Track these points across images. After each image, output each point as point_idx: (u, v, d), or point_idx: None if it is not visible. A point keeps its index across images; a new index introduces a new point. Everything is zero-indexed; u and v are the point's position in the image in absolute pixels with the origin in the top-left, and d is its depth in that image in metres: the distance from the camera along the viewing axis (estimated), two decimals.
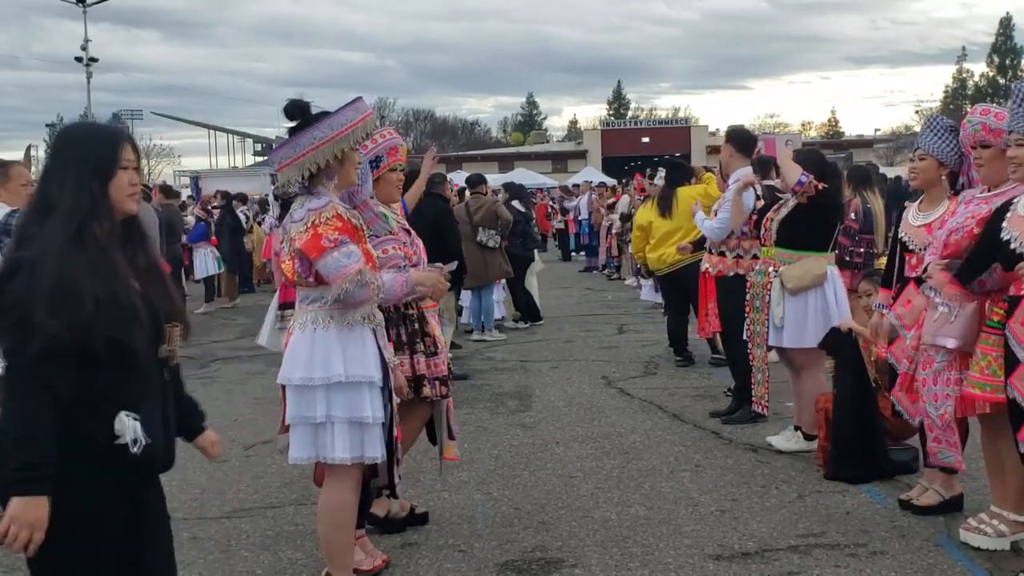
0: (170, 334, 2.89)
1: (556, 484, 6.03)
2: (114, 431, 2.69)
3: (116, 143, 2.86)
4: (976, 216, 4.73)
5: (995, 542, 4.68)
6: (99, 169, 2.79)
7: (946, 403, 4.85)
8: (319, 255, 4.00)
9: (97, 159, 2.80)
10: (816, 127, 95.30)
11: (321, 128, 4.08)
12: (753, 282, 6.63)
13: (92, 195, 2.76)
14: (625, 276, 19.08)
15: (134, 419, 2.71)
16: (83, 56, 48.53)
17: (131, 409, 2.72)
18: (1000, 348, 4.39)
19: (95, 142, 2.85)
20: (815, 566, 4.61)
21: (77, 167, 2.77)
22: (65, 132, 2.92)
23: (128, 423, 2.70)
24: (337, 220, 4.05)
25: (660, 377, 9.43)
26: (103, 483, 2.72)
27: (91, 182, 2.76)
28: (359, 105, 4.22)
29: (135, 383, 2.77)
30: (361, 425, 4.16)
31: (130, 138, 2.94)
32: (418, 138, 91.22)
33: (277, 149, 4.19)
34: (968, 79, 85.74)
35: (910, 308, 5.28)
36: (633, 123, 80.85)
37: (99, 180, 2.78)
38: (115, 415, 2.70)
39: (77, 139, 2.87)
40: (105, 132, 2.94)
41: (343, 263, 3.99)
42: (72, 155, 2.81)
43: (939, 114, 6.43)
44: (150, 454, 2.76)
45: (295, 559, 4.93)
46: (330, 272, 4.00)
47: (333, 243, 4.00)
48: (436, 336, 4.99)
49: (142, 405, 2.76)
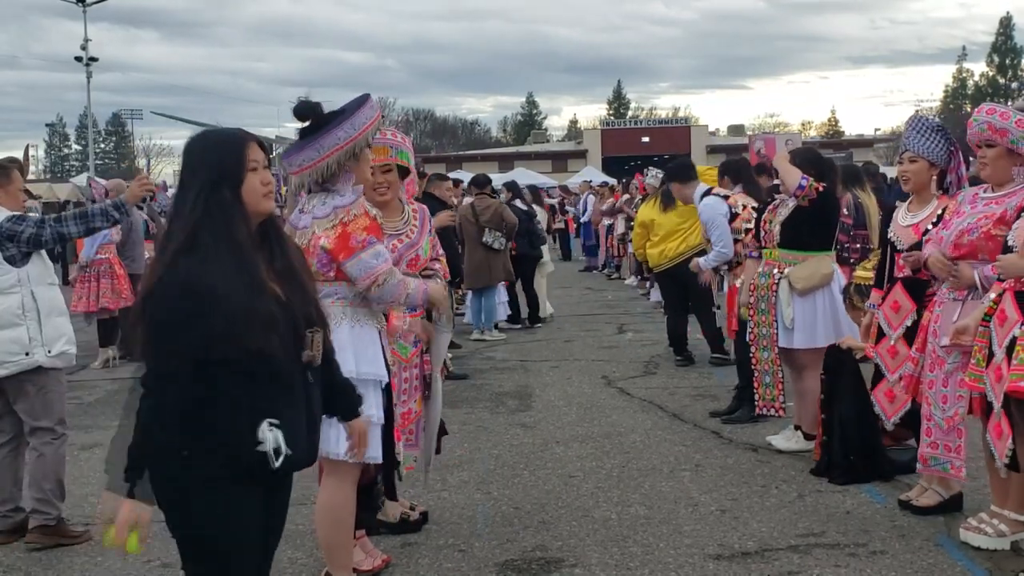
0: (312, 340, 2.92)
1: (556, 483, 6.04)
2: (257, 438, 2.74)
3: (241, 146, 2.86)
4: (991, 217, 4.72)
5: (995, 542, 4.68)
6: (228, 175, 2.81)
7: (956, 404, 4.84)
8: (349, 256, 4.05)
9: (225, 165, 2.82)
10: (816, 127, 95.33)
11: (344, 128, 4.10)
12: (758, 284, 6.61)
13: (224, 202, 2.77)
14: (625, 276, 19.08)
15: (277, 428, 2.76)
16: (83, 56, 48.46)
17: (274, 416, 2.76)
18: (985, 340, 4.43)
19: (220, 149, 2.86)
20: (815, 566, 4.62)
21: (207, 176, 2.79)
22: (191, 144, 2.91)
23: (270, 434, 2.75)
24: (365, 218, 4.11)
25: (660, 377, 9.44)
26: (243, 487, 2.80)
27: (222, 189, 2.78)
28: (371, 103, 4.26)
29: (277, 391, 2.81)
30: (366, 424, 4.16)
31: (256, 138, 2.94)
32: (418, 138, 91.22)
33: (297, 151, 4.16)
34: (968, 79, 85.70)
35: (896, 309, 5.31)
36: (633, 123, 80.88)
37: (229, 186, 2.79)
38: (258, 422, 2.74)
39: (203, 148, 2.88)
40: (228, 136, 2.93)
41: (372, 264, 4.05)
42: (201, 165, 2.82)
43: (924, 114, 6.42)
44: (291, 464, 2.83)
45: (295, 558, 4.93)
46: (359, 273, 4.06)
47: (362, 244, 4.04)
48: None
49: (285, 413, 2.80)
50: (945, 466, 4.99)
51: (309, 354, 2.92)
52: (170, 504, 2.80)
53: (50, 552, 5.13)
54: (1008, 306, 4.32)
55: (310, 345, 2.92)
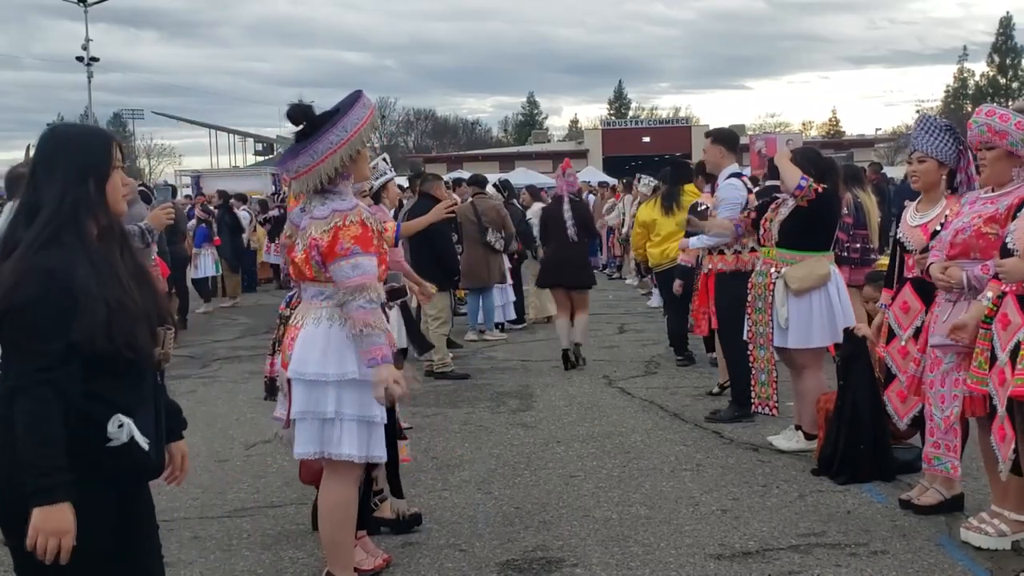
0: (164, 337, 2.87)
1: (557, 483, 6.04)
2: (107, 434, 2.64)
3: (108, 143, 2.82)
4: (983, 215, 4.74)
5: (996, 541, 4.68)
6: (95, 169, 2.75)
7: (953, 404, 4.85)
8: (331, 260, 4.06)
9: (92, 160, 2.76)
10: (817, 127, 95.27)
11: (336, 132, 4.10)
12: (755, 283, 6.62)
13: (90, 197, 2.71)
14: (626, 276, 19.09)
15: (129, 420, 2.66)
16: (84, 56, 48.49)
17: (126, 412, 2.67)
18: (987, 343, 4.43)
19: (88, 143, 2.80)
20: (816, 565, 4.62)
21: (72, 169, 2.72)
22: (55, 134, 2.84)
23: (126, 427, 2.65)
24: (358, 227, 4.08)
25: (661, 377, 9.44)
26: (93, 487, 2.65)
27: (88, 183, 2.72)
28: (364, 100, 4.24)
29: (132, 386, 2.72)
30: (369, 424, 4.18)
31: (117, 139, 2.91)
32: (419, 138, 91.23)
33: (293, 158, 4.17)
34: (969, 79, 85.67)
35: (906, 310, 5.31)
36: (634, 123, 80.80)
37: (95, 181, 2.74)
38: (110, 418, 2.64)
39: (69, 141, 2.80)
40: (96, 133, 2.90)
41: (348, 274, 4.04)
42: (65, 157, 2.74)
43: (932, 114, 6.41)
44: (144, 457, 2.71)
45: (296, 558, 4.93)
46: (336, 279, 4.08)
47: (344, 252, 4.04)
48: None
49: (138, 409, 2.71)
50: (946, 465, 5.01)
51: (160, 351, 2.86)
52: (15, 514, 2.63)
53: None
54: (1011, 310, 4.33)
55: (162, 343, 2.86)
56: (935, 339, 4.87)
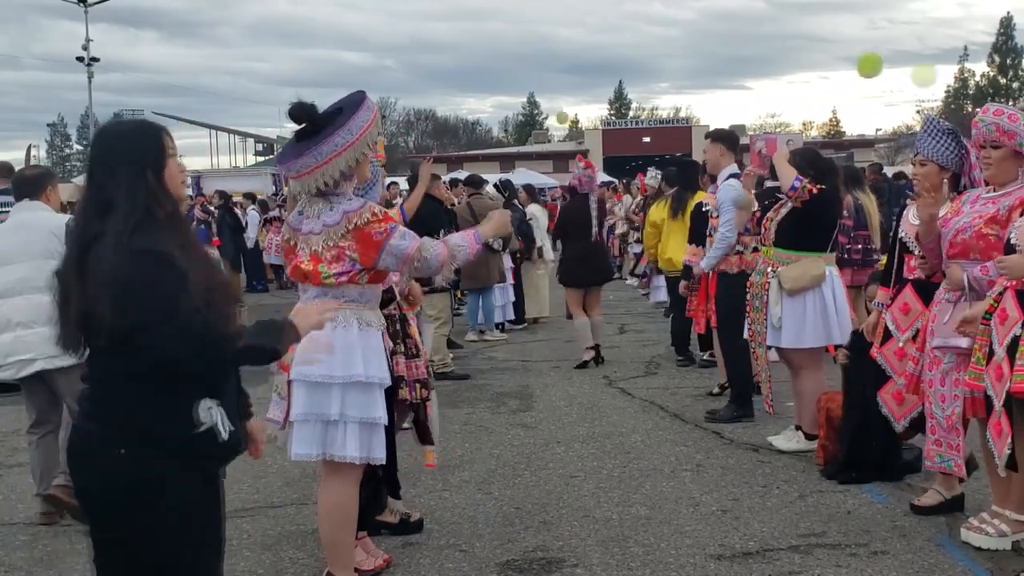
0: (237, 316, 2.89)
1: (557, 484, 6.04)
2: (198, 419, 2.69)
3: (159, 134, 2.88)
4: (984, 216, 4.74)
5: (996, 542, 4.68)
6: (152, 161, 2.81)
7: (954, 404, 4.85)
8: (378, 251, 4.08)
9: (149, 152, 2.82)
10: (817, 127, 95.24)
11: (341, 134, 4.09)
12: (753, 282, 6.65)
13: (152, 188, 2.77)
14: (626, 276, 19.07)
15: (218, 406, 2.73)
16: (84, 56, 48.41)
17: (212, 395, 2.73)
18: (986, 338, 4.43)
19: (140, 137, 2.86)
20: (816, 566, 4.61)
21: (131, 164, 2.77)
22: (106, 134, 2.91)
23: (215, 411, 2.72)
24: (379, 213, 4.15)
25: (661, 377, 9.44)
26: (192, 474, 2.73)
27: (147, 175, 2.77)
28: (368, 103, 4.24)
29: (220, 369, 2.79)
30: (371, 426, 4.19)
31: (167, 129, 2.96)
32: (419, 138, 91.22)
33: (295, 156, 4.16)
34: (970, 79, 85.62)
35: (906, 311, 5.31)
36: (634, 123, 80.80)
37: (153, 172, 2.79)
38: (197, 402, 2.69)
39: (121, 138, 2.87)
40: (145, 126, 2.93)
41: (403, 246, 4.09)
42: (121, 154, 2.80)
43: (937, 116, 6.41)
44: (234, 440, 2.79)
45: (297, 559, 4.94)
46: (395, 262, 4.12)
47: (385, 233, 4.09)
48: (416, 338, 4.98)
49: (223, 390, 2.78)
50: (949, 463, 5.00)
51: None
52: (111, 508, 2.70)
53: (51, 551, 5.15)
54: (1009, 304, 4.33)
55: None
56: (936, 341, 4.87)
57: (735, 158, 7.79)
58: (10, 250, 5.50)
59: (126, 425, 2.67)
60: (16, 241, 5.52)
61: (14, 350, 5.47)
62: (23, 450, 7.35)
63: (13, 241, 5.53)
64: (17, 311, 5.43)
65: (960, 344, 4.69)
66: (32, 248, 5.38)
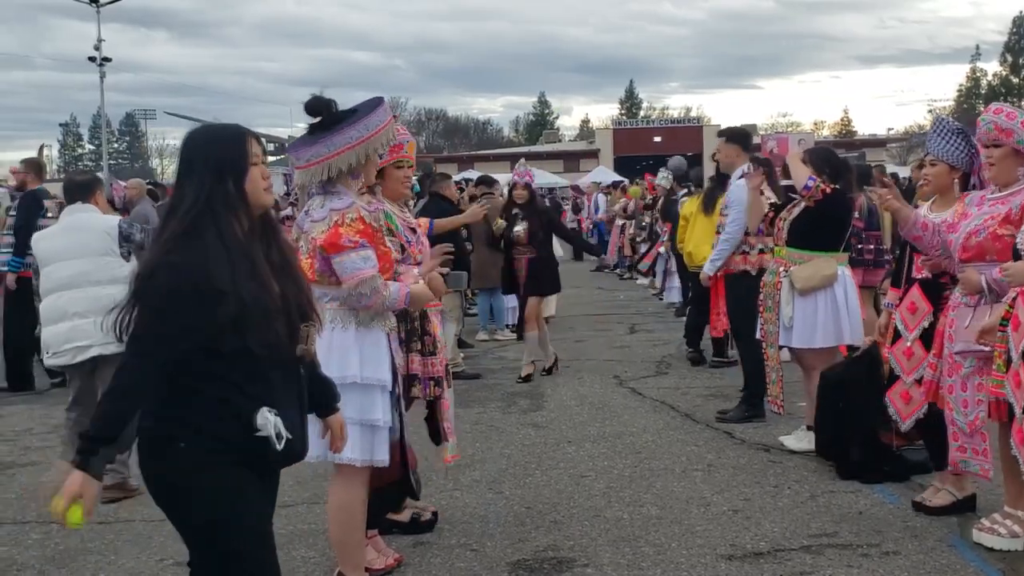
0: (308, 334, 2.95)
1: (568, 483, 6.04)
2: (255, 425, 2.76)
3: (243, 139, 2.89)
4: (996, 217, 4.71)
5: (1008, 542, 4.66)
6: (232, 167, 2.83)
7: (977, 408, 4.81)
8: (337, 252, 4.03)
9: (228, 158, 2.84)
10: (829, 126, 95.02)
11: (357, 128, 4.09)
12: (766, 282, 6.65)
13: (227, 193, 2.79)
14: (636, 276, 19.05)
15: (275, 415, 2.79)
16: (96, 56, 48.55)
17: (272, 405, 2.79)
18: (1004, 344, 4.42)
19: (223, 142, 2.88)
20: (827, 566, 4.60)
21: (209, 169, 2.80)
22: (192, 137, 2.93)
23: (271, 419, 2.77)
24: (360, 223, 4.08)
25: (672, 377, 9.43)
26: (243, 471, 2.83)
27: (226, 181, 2.80)
28: (384, 108, 4.25)
29: (277, 381, 2.84)
30: (372, 428, 4.18)
31: (254, 134, 2.97)
32: (430, 138, 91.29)
33: (307, 146, 4.14)
34: (982, 78, 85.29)
35: (913, 311, 5.29)
36: (645, 122, 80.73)
37: (233, 178, 2.82)
38: (256, 410, 2.76)
39: (205, 142, 2.89)
40: (231, 131, 2.95)
41: (359, 266, 4.02)
42: (203, 157, 2.83)
43: (947, 116, 6.38)
44: (289, 448, 2.84)
45: (308, 557, 4.95)
46: (344, 271, 4.04)
47: (353, 244, 4.02)
48: (436, 335, 4.88)
49: (283, 403, 2.83)
50: (975, 467, 4.95)
51: (303, 348, 2.94)
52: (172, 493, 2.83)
53: (63, 550, 5.17)
54: (1022, 311, 4.31)
55: (305, 339, 2.94)
56: (957, 346, 4.83)
57: (749, 157, 7.79)
58: (67, 248, 6.07)
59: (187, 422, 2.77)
60: (72, 240, 6.09)
61: (71, 337, 5.95)
62: (35, 449, 7.40)
63: (70, 240, 6.10)
64: (74, 302, 5.93)
65: (982, 348, 4.66)
66: (88, 246, 6.03)
